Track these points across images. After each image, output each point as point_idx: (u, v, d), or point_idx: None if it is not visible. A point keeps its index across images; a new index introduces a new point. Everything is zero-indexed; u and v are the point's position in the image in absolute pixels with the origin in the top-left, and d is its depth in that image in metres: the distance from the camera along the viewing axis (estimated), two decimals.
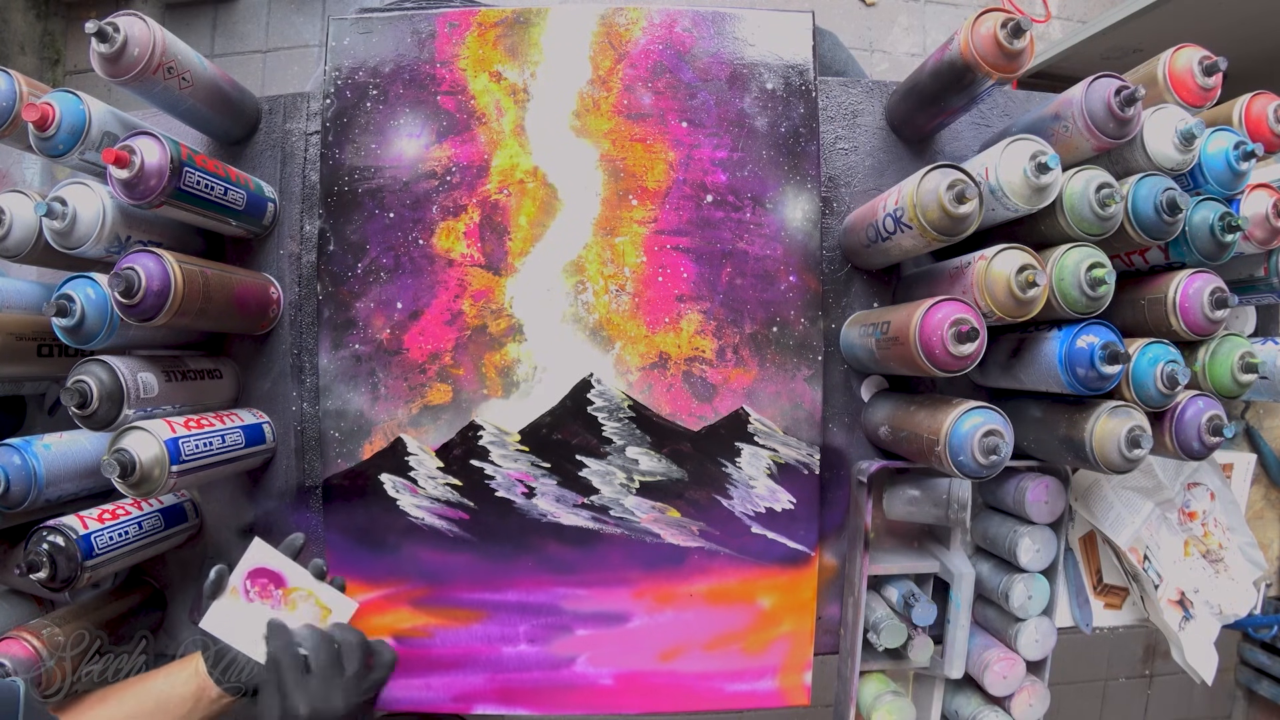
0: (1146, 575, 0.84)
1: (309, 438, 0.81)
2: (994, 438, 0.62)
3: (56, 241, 0.66)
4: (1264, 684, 1.24)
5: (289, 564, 0.69)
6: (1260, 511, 0.94)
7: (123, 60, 0.64)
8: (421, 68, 0.78)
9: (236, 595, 0.67)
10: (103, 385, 0.64)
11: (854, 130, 0.84)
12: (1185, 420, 0.68)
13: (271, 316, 0.81)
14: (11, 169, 0.89)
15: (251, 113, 0.82)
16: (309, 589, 0.70)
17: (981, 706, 0.80)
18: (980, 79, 0.67)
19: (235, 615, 0.67)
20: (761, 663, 0.79)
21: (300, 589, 0.69)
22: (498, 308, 0.77)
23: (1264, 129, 0.69)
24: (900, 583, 0.79)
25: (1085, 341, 0.63)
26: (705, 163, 0.78)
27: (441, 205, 0.77)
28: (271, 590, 0.68)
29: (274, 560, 0.69)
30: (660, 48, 0.78)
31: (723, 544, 0.78)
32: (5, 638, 0.67)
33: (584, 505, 0.78)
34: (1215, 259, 0.67)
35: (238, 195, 0.74)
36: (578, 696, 0.79)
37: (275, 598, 0.68)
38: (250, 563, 0.68)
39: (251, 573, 0.68)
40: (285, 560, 0.69)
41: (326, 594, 0.70)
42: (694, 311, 0.77)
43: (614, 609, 0.78)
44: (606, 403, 0.77)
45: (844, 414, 0.83)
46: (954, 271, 0.67)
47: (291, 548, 0.71)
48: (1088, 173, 0.64)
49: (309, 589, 0.70)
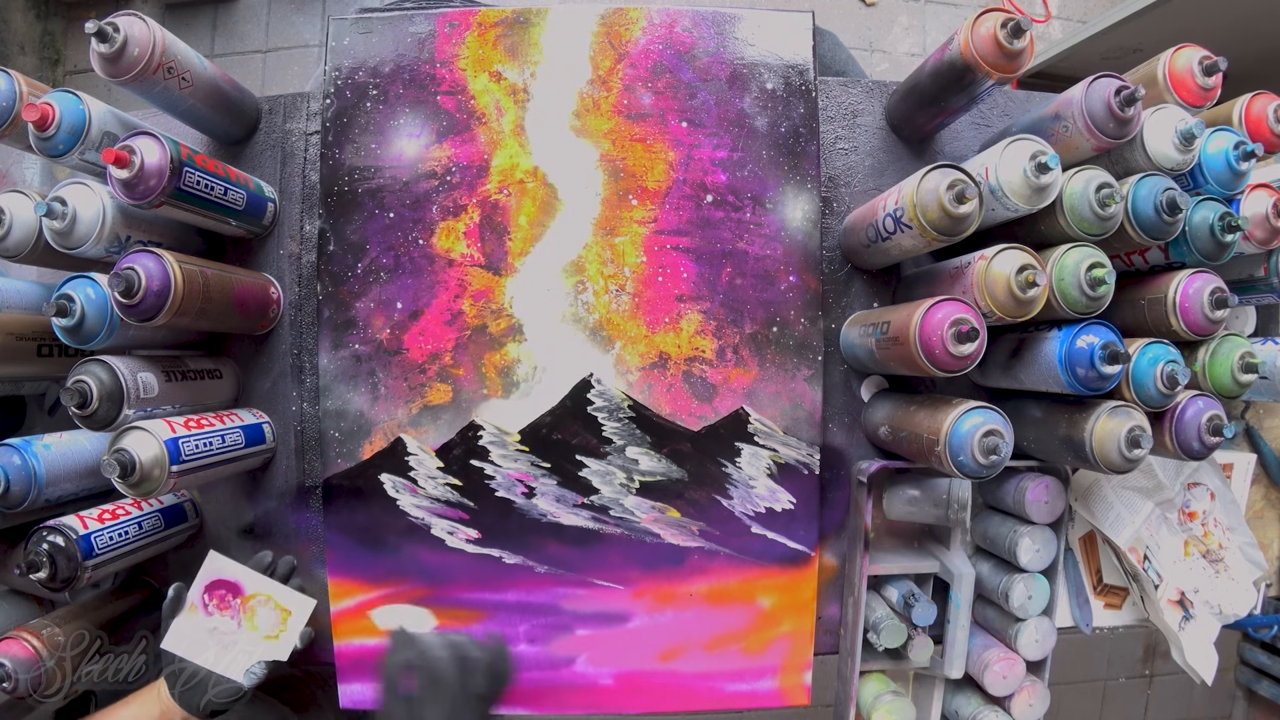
0: (1146, 575, 0.84)
1: (309, 438, 0.81)
2: (994, 438, 0.62)
3: (56, 241, 0.66)
4: (1264, 684, 1.25)
5: (245, 571, 0.69)
6: (1260, 511, 0.94)
7: (123, 60, 0.64)
8: (421, 68, 0.78)
9: (195, 611, 0.67)
10: (103, 385, 0.64)
11: (854, 130, 0.84)
12: (1185, 420, 0.68)
13: (271, 316, 0.81)
14: (11, 169, 0.89)
15: (251, 113, 0.82)
16: (267, 593, 0.69)
17: (981, 706, 0.80)
18: (980, 79, 0.67)
19: (196, 631, 0.66)
20: (761, 663, 0.79)
21: (259, 594, 0.69)
22: (498, 308, 0.77)
23: (1264, 129, 0.69)
24: (900, 583, 0.79)
25: (1085, 341, 0.63)
26: (705, 163, 0.78)
27: (441, 205, 0.77)
28: (230, 600, 0.68)
29: (230, 570, 0.68)
30: (660, 48, 0.78)
31: (723, 544, 0.78)
32: (5, 638, 0.67)
33: (584, 505, 0.78)
34: (1215, 259, 0.67)
35: (238, 195, 0.74)
36: (578, 696, 0.79)
37: (234, 607, 0.68)
38: (206, 575, 0.67)
39: (209, 585, 0.67)
40: (240, 568, 0.69)
41: (284, 596, 0.69)
42: (694, 311, 0.77)
43: (614, 609, 0.78)
44: (606, 403, 0.77)
45: (844, 414, 0.83)
46: (954, 271, 0.67)
47: (259, 564, 0.71)
48: (1088, 173, 0.64)
49: (267, 593, 0.69)
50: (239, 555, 0.71)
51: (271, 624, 0.68)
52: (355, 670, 0.77)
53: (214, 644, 0.65)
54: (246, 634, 0.67)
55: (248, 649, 0.66)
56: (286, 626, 0.68)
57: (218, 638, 0.65)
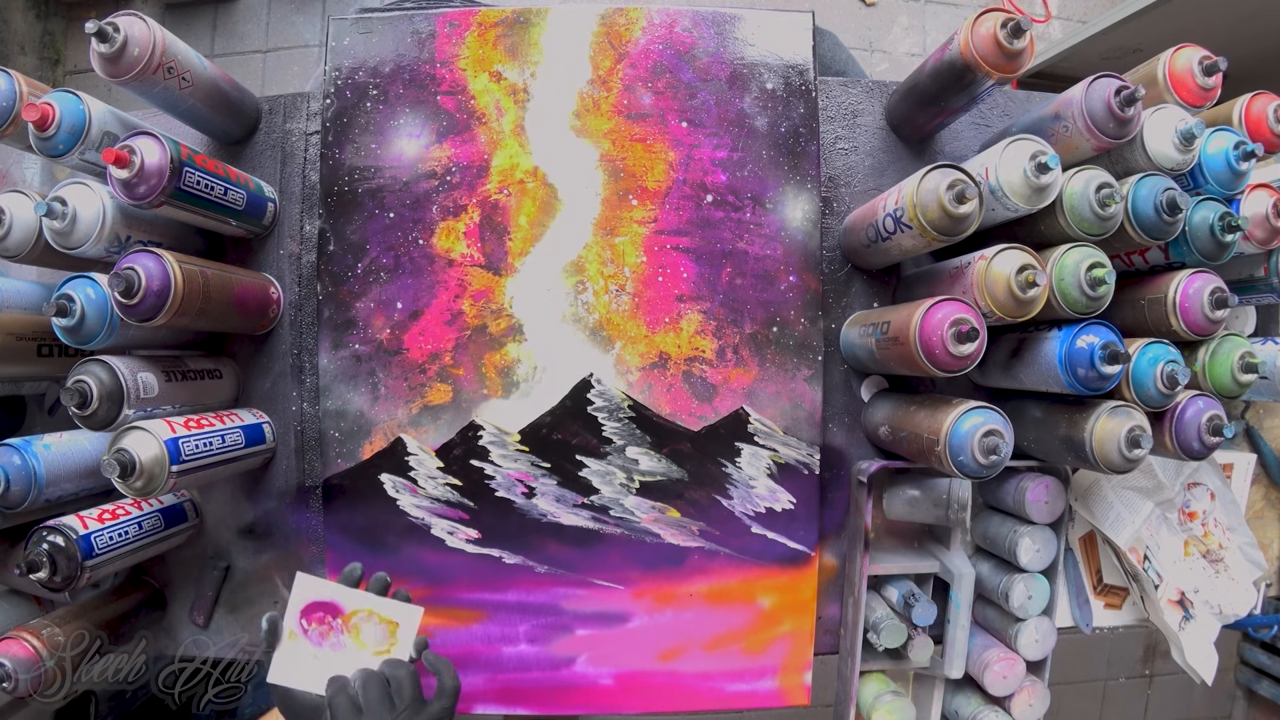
0: (1146, 575, 0.84)
1: (309, 438, 0.81)
2: (994, 438, 0.62)
3: (56, 241, 0.66)
4: (1264, 684, 1.25)
5: (339, 589, 0.64)
6: (1260, 511, 0.94)
7: (123, 60, 0.64)
8: (421, 68, 0.78)
9: (296, 638, 0.62)
10: (103, 385, 0.64)
11: (854, 130, 0.84)
12: (1185, 420, 0.68)
13: (271, 316, 0.81)
14: (11, 169, 0.89)
15: (251, 113, 0.82)
16: (369, 608, 0.64)
17: (981, 706, 0.80)
18: (980, 79, 0.67)
19: (300, 659, 0.62)
20: (761, 663, 0.79)
21: (360, 610, 0.64)
22: (498, 308, 0.77)
23: (1264, 129, 0.69)
24: (900, 583, 0.79)
25: (1085, 341, 0.63)
26: (705, 163, 0.78)
27: (441, 205, 0.77)
28: (330, 621, 0.63)
29: (323, 590, 0.64)
30: (660, 48, 0.78)
31: (723, 544, 0.78)
32: (5, 638, 0.67)
33: (584, 505, 0.78)
34: (1215, 259, 0.67)
35: (238, 195, 0.74)
36: (578, 696, 0.79)
37: (336, 627, 0.63)
38: (300, 600, 0.63)
39: (305, 609, 0.63)
40: (334, 586, 0.64)
41: (387, 608, 0.65)
42: (694, 311, 0.77)
43: (614, 609, 0.78)
44: (606, 403, 0.77)
45: (844, 414, 0.82)
46: (954, 271, 0.67)
47: (351, 578, 0.66)
48: (1088, 173, 0.64)
49: (369, 608, 0.64)
50: (241, 553, 0.69)
51: (379, 638, 0.63)
52: None
53: (324, 669, 0.60)
54: (356, 652, 0.63)
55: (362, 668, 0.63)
56: (397, 639, 0.63)
57: (325, 661, 0.62)
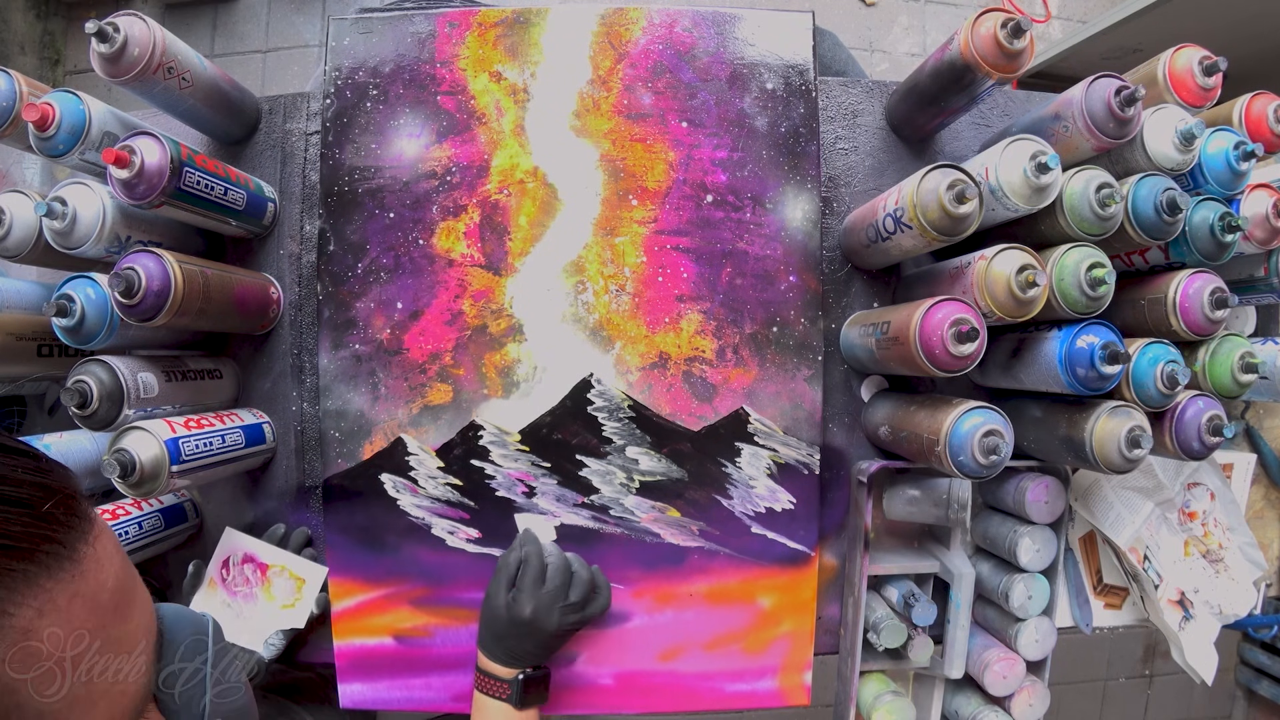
0: (1146, 575, 0.84)
1: (309, 438, 0.81)
2: (994, 438, 0.62)
3: (56, 241, 0.66)
4: (1264, 684, 1.25)
5: (259, 544, 0.71)
6: (1260, 511, 0.94)
7: (123, 60, 0.64)
8: (421, 68, 0.78)
9: (215, 586, 0.68)
10: (103, 385, 0.64)
11: (854, 130, 0.84)
12: (1185, 420, 0.68)
13: (271, 316, 0.81)
14: (11, 169, 0.89)
15: (251, 113, 0.82)
16: (282, 563, 0.71)
17: (981, 706, 0.80)
18: (980, 79, 0.67)
19: (215, 606, 0.68)
20: (761, 663, 0.79)
21: (274, 565, 0.71)
22: (498, 308, 0.77)
23: (1264, 129, 0.69)
24: (900, 583, 0.79)
25: (1085, 341, 0.63)
26: (705, 163, 0.78)
27: (441, 205, 0.77)
28: (247, 573, 0.69)
29: (245, 544, 0.70)
30: (660, 48, 0.78)
31: (723, 544, 0.78)
32: None
33: (584, 505, 0.78)
34: (1215, 259, 0.67)
35: (238, 195, 0.74)
36: (577, 696, 0.79)
37: (252, 580, 0.69)
38: (223, 551, 0.69)
39: (225, 561, 0.69)
40: (256, 541, 0.71)
41: (298, 565, 0.72)
42: (694, 311, 0.77)
43: (614, 609, 0.78)
44: (606, 403, 0.77)
45: (844, 414, 0.83)
46: (954, 271, 0.67)
47: (274, 537, 0.73)
48: (1088, 173, 0.64)
49: (282, 563, 0.71)
50: None
51: (287, 593, 0.69)
52: (355, 670, 0.77)
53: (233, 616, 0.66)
54: (264, 604, 0.68)
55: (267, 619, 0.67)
56: (302, 595, 0.69)
57: (236, 610, 0.66)
